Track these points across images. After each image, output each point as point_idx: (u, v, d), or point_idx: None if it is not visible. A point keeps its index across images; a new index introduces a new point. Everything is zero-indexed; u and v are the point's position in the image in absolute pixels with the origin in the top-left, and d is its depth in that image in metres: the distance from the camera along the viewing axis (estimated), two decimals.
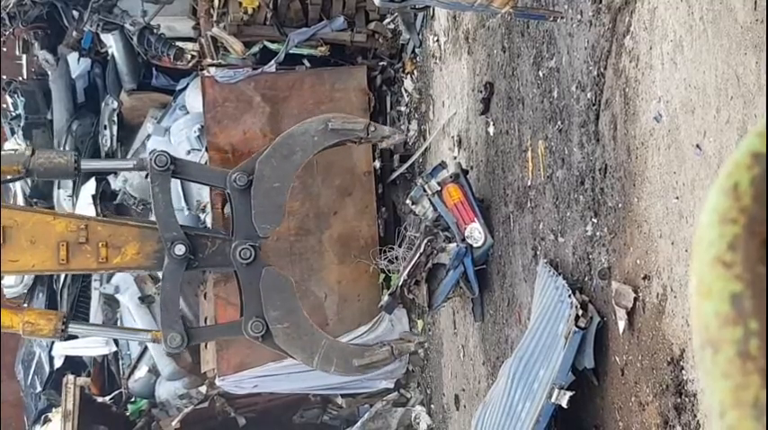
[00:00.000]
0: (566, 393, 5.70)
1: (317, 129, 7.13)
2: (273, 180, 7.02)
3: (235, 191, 6.96)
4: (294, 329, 6.96)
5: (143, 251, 6.89)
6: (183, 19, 11.15)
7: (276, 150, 7.11)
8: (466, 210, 7.47)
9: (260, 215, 6.93)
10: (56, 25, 12.84)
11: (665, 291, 4.88)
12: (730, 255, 0.69)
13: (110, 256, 6.81)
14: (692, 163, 4.54)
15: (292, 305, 7.02)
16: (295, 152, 7.12)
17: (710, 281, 0.69)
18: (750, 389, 0.65)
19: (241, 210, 7.00)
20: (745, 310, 0.67)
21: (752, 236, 0.69)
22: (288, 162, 7.09)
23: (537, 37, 6.65)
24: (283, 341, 6.97)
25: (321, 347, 7.04)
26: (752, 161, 0.72)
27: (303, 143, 7.12)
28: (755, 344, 0.66)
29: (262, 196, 6.95)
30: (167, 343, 6.86)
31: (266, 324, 6.87)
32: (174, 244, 6.71)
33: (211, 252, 6.99)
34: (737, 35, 4.08)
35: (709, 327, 0.68)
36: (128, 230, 6.93)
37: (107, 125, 12.55)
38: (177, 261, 6.76)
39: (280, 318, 6.90)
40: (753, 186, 0.71)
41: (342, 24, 10.28)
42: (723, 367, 0.67)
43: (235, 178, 6.96)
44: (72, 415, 10.49)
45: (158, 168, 6.85)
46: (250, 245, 6.86)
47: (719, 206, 0.72)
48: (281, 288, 7.00)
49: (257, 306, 6.90)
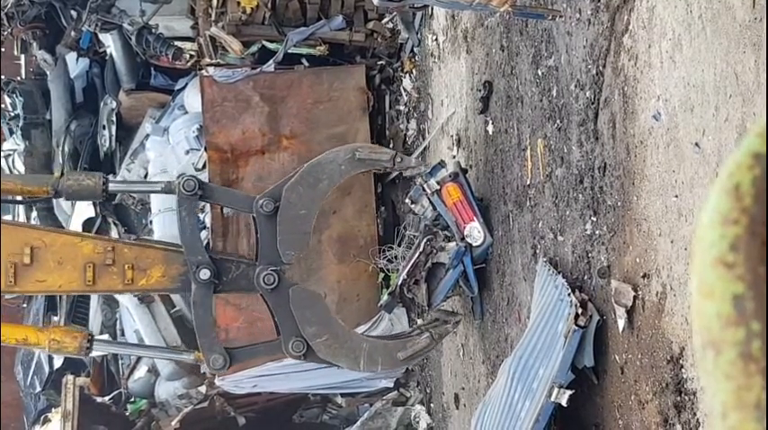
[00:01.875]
0: (565, 392, 5.70)
1: (345, 158, 7.20)
2: (300, 207, 7.08)
3: (261, 216, 7.01)
4: (334, 340, 7.03)
5: (168, 274, 6.97)
6: (181, 18, 11.15)
7: (303, 178, 7.17)
8: (465, 209, 7.47)
9: (285, 242, 7.00)
10: (54, 25, 12.84)
11: (665, 290, 4.88)
12: (732, 256, 0.69)
13: (136, 278, 6.90)
14: (691, 161, 4.54)
15: (326, 317, 7.11)
16: (322, 180, 7.18)
17: (712, 282, 0.69)
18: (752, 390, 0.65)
19: (266, 236, 7.06)
20: (746, 312, 0.67)
21: (753, 236, 0.69)
22: (314, 190, 7.16)
23: (536, 36, 6.65)
24: (326, 354, 7.05)
25: (363, 350, 7.10)
26: (753, 161, 0.72)
27: (330, 171, 7.19)
28: (757, 345, 0.66)
29: (287, 223, 7.02)
30: (210, 365, 6.99)
31: (306, 341, 6.94)
32: (199, 268, 6.79)
33: (235, 276, 7.07)
34: (736, 33, 4.08)
35: (711, 329, 0.68)
36: (153, 253, 7.02)
37: (106, 125, 12.54)
38: (204, 285, 6.84)
39: (317, 332, 6.98)
40: (754, 187, 0.71)
41: (340, 24, 10.28)
42: (725, 368, 0.67)
43: (261, 204, 7.01)
44: (71, 415, 10.50)
45: (186, 192, 6.91)
46: (272, 270, 6.91)
47: (721, 207, 0.72)
48: (312, 304, 7.08)
49: (293, 326, 6.98)
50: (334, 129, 10.24)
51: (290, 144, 10.20)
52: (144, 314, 11.00)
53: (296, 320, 6.97)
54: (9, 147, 13.82)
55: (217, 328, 9.76)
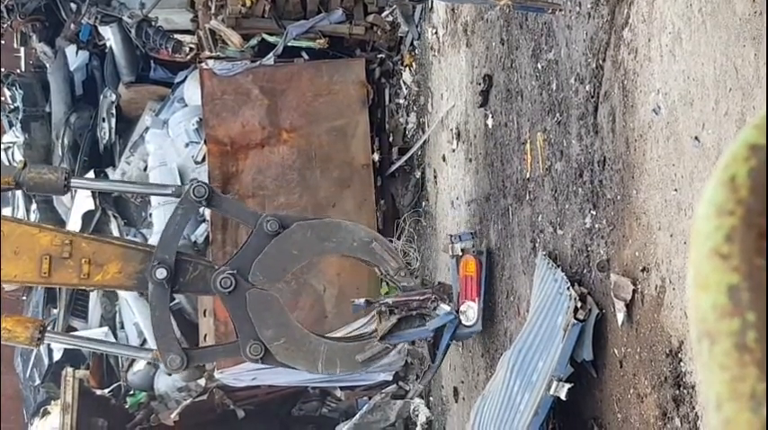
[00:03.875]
0: (564, 385, 5.70)
1: (362, 239, 7.18)
2: (297, 247, 7.06)
3: (260, 231, 6.99)
4: (291, 343, 7.00)
5: (125, 271, 6.91)
6: (181, 11, 11.14)
7: (319, 227, 7.16)
8: (473, 287, 7.39)
9: (263, 265, 6.95)
10: (54, 18, 12.82)
11: (664, 283, 4.89)
12: (727, 247, 0.69)
13: (92, 273, 6.84)
14: (691, 155, 4.54)
15: (284, 320, 7.06)
16: (331, 240, 7.16)
17: (708, 273, 0.69)
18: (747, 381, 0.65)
19: (251, 249, 7.03)
20: (742, 302, 0.67)
21: (749, 228, 0.69)
22: (319, 243, 7.15)
23: (535, 29, 6.65)
24: (284, 356, 7.02)
25: (322, 353, 7.08)
26: (749, 153, 0.72)
27: (343, 239, 7.17)
28: (753, 336, 0.66)
29: (276, 251, 6.99)
30: (167, 364, 6.93)
31: (264, 344, 6.91)
32: (156, 267, 6.73)
33: (193, 277, 7.00)
34: (736, 27, 4.08)
35: (707, 319, 0.68)
36: (112, 249, 6.95)
37: (105, 118, 12.54)
38: (160, 285, 6.79)
39: (275, 335, 6.95)
40: (750, 178, 0.71)
41: (340, 17, 10.27)
42: (720, 359, 0.67)
43: (268, 221, 6.97)
44: (71, 407, 10.51)
45: (195, 198, 6.90)
46: (229, 273, 6.86)
47: (716, 198, 0.72)
48: (269, 306, 7.02)
49: (251, 329, 6.94)
50: (333, 123, 10.24)
51: (289, 137, 10.20)
52: (143, 307, 11.00)
53: (253, 323, 6.93)
54: (9, 140, 13.82)
55: (216, 322, 9.79)
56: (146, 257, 6.89)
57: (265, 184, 10.11)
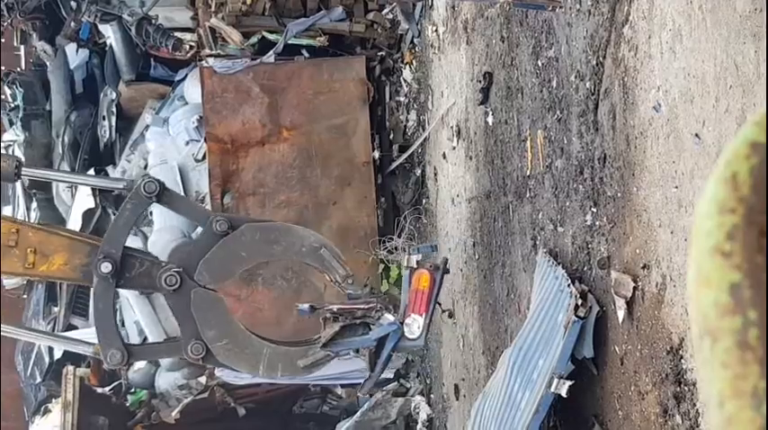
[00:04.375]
0: (565, 382, 5.70)
1: (311, 244, 7.13)
2: (245, 249, 7.02)
3: (209, 230, 6.95)
4: (234, 344, 6.96)
5: (71, 263, 6.88)
6: (181, 9, 11.13)
7: (268, 230, 7.12)
8: (422, 302, 7.21)
9: (209, 264, 6.88)
10: (54, 16, 12.82)
11: (665, 281, 4.89)
12: (729, 245, 0.69)
13: (37, 263, 6.80)
14: (691, 152, 4.54)
15: (227, 321, 7.03)
16: (280, 244, 7.11)
17: (709, 270, 0.69)
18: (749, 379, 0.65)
19: (199, 247, 7.00)
20: (743, 300, 0.67)
21: (750, 225, 0.69)
22: (267, 246, 7.10)
23: (536, 26, 6.65)
24: (225, 358, 6.98)
25: (264, 356, 7.03)
26: (750, 151, 0.72)
27: (291, 244, 7.13)
28: (754, 333, 0.66)
29: (224, 252, 6.95)
30: (108, 360, 6.89)
31: (205, 344, 6.88)
32: (101, 261, 6.70)
33: (138, 273, 6.97)
34: (736, 24, 4.07)
35: (708, 317, 0.68)
36: (59, 240, 6.92)
37: (106, 116, 12.53)
38: (105, 279, 6.77)
39: (217, 336, 6.91)
40: (751, 176, 0.71)
41: (340, 14, 10.27)
42: (722, 357, 0.67)
43: (217, 221, 6.93)
44: (72, 406, 10.51)
45: (146, 194, 6.86)
46: (175, 271, 6.82)
47: (718, 196, 0.72)
48: (213, 307, 6.99)
49: (193, 328, 6.90)
50: (334, 121, 10.24)
51: (290, 135, 10.20)
52: (144, 305, 11.00)
53: (196, 323, 6.89)
54: (9, 138, 13.82)
55: None
56: (92, 250, 6.83)
57: (266, 182, 10.12)
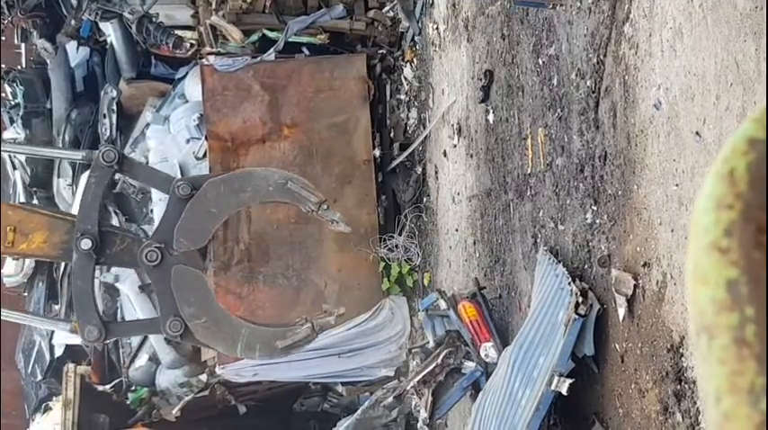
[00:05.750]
0: (565, 380, 5.71)
1: (276, 181, 7.07)
2: (213, 205, 6.98)
3: (173, 197, 6.93)
4: (212, 323, 6.93)
5: (50, 241, 6.87)
6: (181, 7, 11.13)
7: (230, 180, 7.09)
8: (481, 328, 7.31)
9: (183, 229, 6.84)
10: (54, 14, 12.82)
11: (665, 279, 4.89)
12: (726, 241, 0.69)
13: (16, 242, 6.80)
14: (692, 150, 4.53)
15: (206, 299, 7.00)
16: (246, 190, 7.07)
17: (706, 267, 0.69)
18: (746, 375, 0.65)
19: (169, 217, 6.97)
20: (741, 296, 0.67)
21: (748, 221, 0.69)
22: (234, 196, 7.06)
23: (536, 24, 6.64)
24: (203, 336, 6.95)
25: (242, 336, 7.00)
26: (748, 147, 0.72)
27: (257, 187, 7.08)
28: (751, 330, 0.66)
29: (194, 214, 6.91)
30: (85, 336, 6.87)
31: (184, 322, 6.86)
32: (81, 237, 6.67)
33: (119, 250, 6.95)
34: (737, 22, 4.07)
35: (705, 314, 0.68)
36: (38, 218, 6.92)
37: (106, 114, 12.53)
38: (85, 256, 6.76)
39: (196, 313, 6.88)
40: (749, 172, 0.71)
41: (341, 12, 10.26)
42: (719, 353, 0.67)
43: (180, 186, 6.91)
44: (72, 403, 10.51)
45: (105, 163, 6.85)
46: (156, 246, 6.80)
47: (715, 192, 0.72)
48: (193, 284, 6.95)
49: (172, 305, 6.87)
50: (334, 119, 10.24)
51: (290, 133, 10.20)
52: (145, 303, 11.00)
53: (175, 299, 6.84)
54: (10, 136, 13.81)
55: None
56: (72, 228, 6.82)
57: None
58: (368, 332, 9.97)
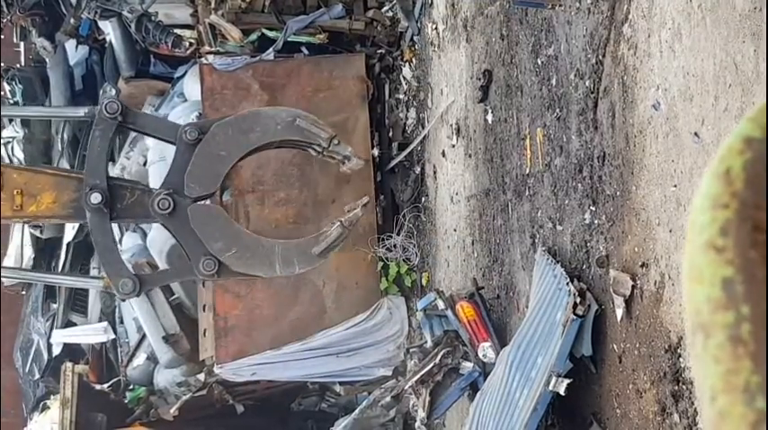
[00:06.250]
0: (563, 381, 5.71)
1: (285, 119, 6.95)
2: (222, 148, 6.84)
3: (182, 143, 6.76)
4: (244, 250, 6.69)
5: (59, 200, 6.73)
6: (181, 6, 11.13)
7: (238, 122, 6.94)
8: (479, 328, 7.32)
9: (193, 175, 6.66)
10: (53, 12, 12.82)
11: (663, 279, 4.89)
12: (722, 240, 0.69)
13: (25, 204, 6.65)
14: (691, 151, 4.54)
15: (231, 229, 6.80)
16: (254, 131, 6.92)
17: (702, 265, 0.69)
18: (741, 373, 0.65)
19: (178, 164, 6.79)
20: (736, 295, 0.67)
21: (744, 220, 0.69)
22: (244, 137, 6.91)
23: (535, 25, 6.64)
24: (239, 266, 6.75)
25: (277, 254, 6.87)
26: (744, 146, 0.72)
27: (265, 126, 6.95)
28: (747, 328, 0.66)
29: (203, 157, 6.76)
30: (119, 289, 6.70)
31: (216, 258, 6.73)
32: (90, 192, 6.53)
33: (130, 202, 6.78)
34: (736, 23, 4.07)
35: (701, 312, 0.68)
36: (44, 179, 6.77)
37: None
38: (97, 210, 6.63)
39: (226, 246, 6.71)
40: (745, 171, 0.71)
41: (340, 12, 10.26)
42: (714, 352, 0.67)
43: (186, 131, 6.77)
44: (70, 402, 10.51)
45: (108, 114, 6.72)
46: (166, 194, 6.68)
47: (711, 191, 0.72)
48: (214, 218, 6.76)
49: (199, 245, 6.72)
50: (333, 118, 10.23)
51: None
52: (143, 302, 11.00)
53: (200, 239, 6.66)
54: (8, 135, 13.82)
55: (216, 316, 9.78)
56: (80, 185, 6.66)
57: (265, 180, 10.11)
58: (366, 332, 9.97)
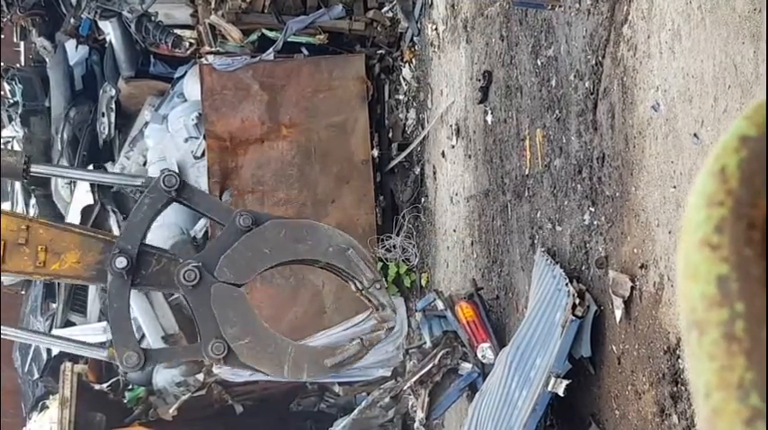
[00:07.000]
0: (562, 381, 5.71)
1: (338, 244, 6.89)
2: (269, 246, 6.78)
3: (232, 226, 6.74)
4: (257, 343, 6.66)
5: (84, 261, 6.64)
6: (181, 6, 11.13)
7: (294, 227, 6.88)
8: (478, 329, 7.32)
9: (231, 260, 6.55)
10: (54, 12, 12.83)
11: (662, 280, 4.89)
12: (717, 238, 0.69)
13: (48, 262, 6.56)
14: (690, 152, 4.54)
15: (249, 318, 6.76)
16: (306, 242, 6.87)
17: (697, 263, 0.70)
18: (735, 370, 0.66)
19: (220, 243, 6.73)
20: (731, 292, 0.67)
21: (738, 218, 0.69)
22: (293, 245, 6.87)
23: (535, 25, 6.65)
24: (248, 357, 6.69)
25: (288, 355, 6.82)
26: (739, 144, 0.73)
27: (318, 242, 6.89)
28: (741, 325, 0.66)
29: (247, 248, 6.69)
30: (123, 362, 6.63)
31: (227, 343, 6.67)
32: (116, 256, 6.39)
33: (155, 270, 6.70)
34: (735, 24, 4.08)
35: (696, 309, 0.69)
36: (71, 237, 6.68)
37: (105, 112, 12.54)
38: (121, 277, 6.57)
39: (239, 334, 6.64)
40: (740, 169, 0.72)
41: (340, 12, 10.27)
42: (709, 349, 0.67)
43: (242, 217, 6.73)
44: (69, 402, 10.51)
45: (164, 187, 6.65)
46: (194, 266, 6.62)
47: (707, 189, 0.72)
48: (235, 302, 6.72)
49: (214, 326, 6.65)
50: (333, 118, 10.24)
51: (289, 132, 10.20)
52: (142, 302, 11.00)
53: (217, 320, 6.53)
54: (8, 134, 13.83)
55: None
56: (106, 247, 6.52)
57: (264, 180, 10.12)
58: (365, 332, 9.96)
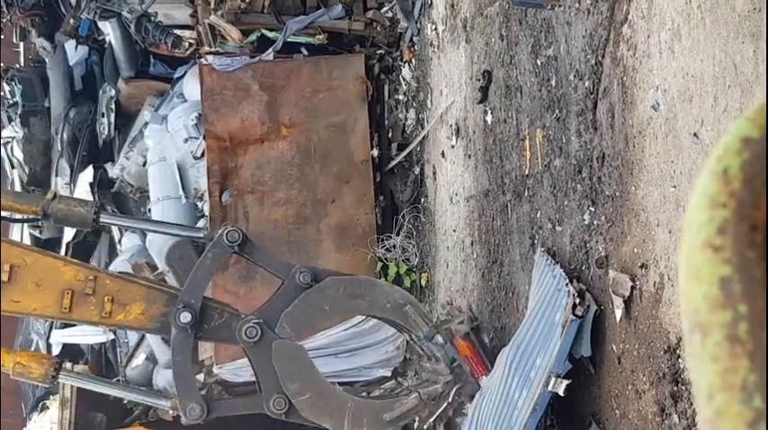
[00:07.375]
0: (562, 381, 5.71)
1: (396, 301, 6.97)
2: (328, 303, 6.84)
3: (292, 282, 6.80)
4: (317, 398, 6.73)
5: (148, 312, 6.72)
6: (180, 6, 11.13)
7: (352, 284, 6.96)
8: (478, 364, 7.33)
9: (291, 316, 6.72)
10: (53, 12, 12.82)
11: (662, 280, 4.89)
12: (720, 239, 0.69)
13: (114, 312, 6.63)
14: (690, 152, 4.54)
15: (310, 373, 6.82)
16: (364, 299, 6.94)
17: (700, 264, 0.70)
18: (738, 372, 0.66)
19: (280, 300, 6.79)
20: (734, 294, 0.67)
21: (741, 220, 0.69)
22: (352, 301, 6.94)
23: (535, 25, 6.65)
24: (309, 413, 6.75)
25: (348, 410, 6.87)
26: (741, 146, 0.73)
27: (376, 299, 6.96)
28: (744, 327, 0.66)
29: (307, 304, 6.77)
30: (187, 414, 6.74)
31: (288, 399, 6.73)
32: (180, 311, 6.54)
33: (218, 324, 6.79)
34: (735, 24, 4.07)
35: (699, 311, 0.69)
36: (137, 289, 6.75)
37: (105, 113, 12.54)
38: (185, 331, 6.63)
39: (300, 389, 6.70)
40: (742, 170, 0.71)
41: (340, 12, 10.27)
42: (712, 351, 0.67)
43: (301, 274, 6.80)
44: (70, 403, 10.51)
45: (227, 242, 6.73)
46: (255, 322, 6.69)
47: (709, 190, 0.72)
48: (296, 358, 6.78)
49: (275, 382, 6.72)
50: (333, 119, 10.24)
51: (289, 133, 10.20)
52: None
53: (278, 376, 6.71)
54: (8, 135, 13.82)
55: None
56: (170, 300, 6.70)
57: (264, 180, 10.12)
58: (365, 332, 9.96)
